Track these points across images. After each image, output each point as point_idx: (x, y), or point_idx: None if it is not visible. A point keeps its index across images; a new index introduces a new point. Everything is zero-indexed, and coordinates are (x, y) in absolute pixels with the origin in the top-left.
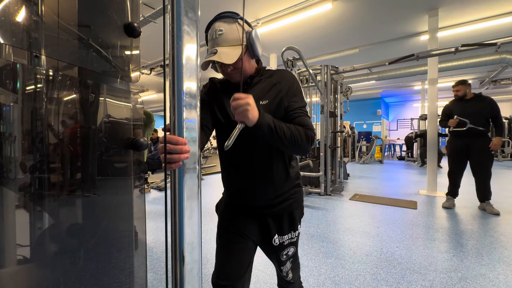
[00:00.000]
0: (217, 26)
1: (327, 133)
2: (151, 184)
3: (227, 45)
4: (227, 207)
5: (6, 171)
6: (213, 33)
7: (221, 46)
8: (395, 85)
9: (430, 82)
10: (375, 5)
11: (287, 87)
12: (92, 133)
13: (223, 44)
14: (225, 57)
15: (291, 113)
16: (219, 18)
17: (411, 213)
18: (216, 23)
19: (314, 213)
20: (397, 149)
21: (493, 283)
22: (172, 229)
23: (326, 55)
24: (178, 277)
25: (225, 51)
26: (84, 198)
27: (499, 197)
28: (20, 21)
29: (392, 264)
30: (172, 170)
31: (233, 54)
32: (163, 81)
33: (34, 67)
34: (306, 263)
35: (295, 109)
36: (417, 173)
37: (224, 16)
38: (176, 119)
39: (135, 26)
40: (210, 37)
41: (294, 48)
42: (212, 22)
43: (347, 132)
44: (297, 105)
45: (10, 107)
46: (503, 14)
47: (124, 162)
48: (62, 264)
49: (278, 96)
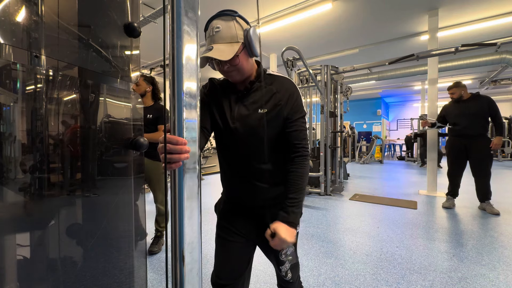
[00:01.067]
0: (214, 24)
1: (327, 133)
2: None
3: (223, 42)
4: (226, 207)
5: (6, 171)
6: (210, 30)
7: (217, 43)
8: (395, 85)
9: (430, 82)
10: (375, 5)
11: (287, 97)
12: (92, 133)
13: (219, 41)
14: (220, 54)
15: (289, 125)
16: (217, 16)
17: (411, 213)
18: (214, 20)
19: (314, 213)
20: (397, 149)
21: (493, 283)
22: (172, 229)
23: (326, 55)
24: (178, 277)
25: (221, 48)
26: (84, 198)
27: (499, 197)
28: (20, 21)
29: (392, 264)
30: (172, 170)
31: (229, 51)
32: (163, 81)
33: (34, 67)
34: (306, 263)
35: (294, 121)
36: (417, 173)
37: (222, 14)
38: (176, 119)
39: (135, 26)
40: (207, 34)
41: (294, 48)
42: (211, 20)
43: (347, 132)
44: (296, 117)
45: (10, 107)
46: (503, 14)
47: (124, 162)
48: (62, 264)
49: (277, 106)
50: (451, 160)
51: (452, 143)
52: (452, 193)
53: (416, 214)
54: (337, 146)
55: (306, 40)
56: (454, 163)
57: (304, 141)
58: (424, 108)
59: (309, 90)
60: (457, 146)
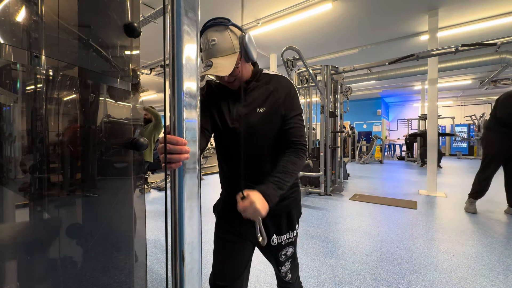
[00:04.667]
0: (209, 36)
1: (327, 133)
2: (151, 184)
3: (221, 55)
4: (224, 207)
5: (6, 171)
6: (206, 43)
7: (216, 57)
8: (395, 85)
9: (430, 82)
10: (375, 5)
11: (284, 96)
12: (92, 133)
13: (217, 55)
14: (221, 69)
15: (287, 122)
16: (210, 27)
17: (411, 213)
18: (208, 32)
19: (314, 213)
20: (397, 149)
21: (493, 283)
22: (172, 229)
23: (326, 55)
24: (178, 277)
25: (220, 62)
26: (84, 198)
27: (499, 197)
28: (20, 21)
29: (392, 264)
30: (172, 170)
31: (228, 64)
32: (163, 81)
33: (34, 67)
34: (306, 263)
35: (292, 118)
36: (417, 173)
37: (215, 24)
38: (176, 119)
39: (135, 26)
40: (203, 46)
41: (294, 48)
42: (204, 30)
43: (347, 132)
44: (293, 114)
45: (10, 107)
46: (503, 14)
47: (124, 162)
48: (62, 264)
49: (275, 105)
50: (496, 163)
51: (501, 142)
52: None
53: (416, 214)
54: (337, 146)
55: (306, 40)
56: (497, 166)
57: (302, 138)
58: (424, 108)
59: (309, 90)
60: (508, 147)
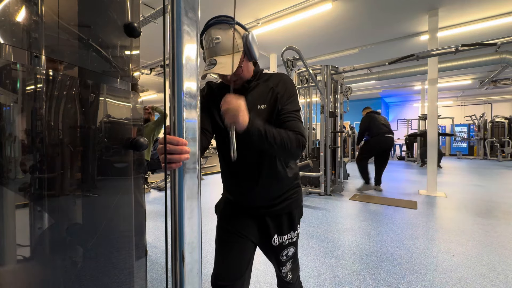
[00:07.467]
0: (213, 34)
1: (327, 133)
2: (151, 184)
3: (225, 53)
4: (226, 207)
5: (6, 171)
6: (209, 41)
7: (220, 56)
8: (395, 85)
9: (430, 82)
10: (375, 5)
11: (283, 91)
12: (92, 133)
13: (221, 53)
14: (225, 68)
15: (283, 117)
16: (214, 24)
17: (411, 213)
18: (212, 30)
19: (314, 213)
20: (397, 149)
21: (493, 283)
22: (172, 229)
23: (326, 55)
24: (178, 277)
25: (224, 61)
26: (84, 198)
27: (499, 197)
28: (20, 21)
29: (392, 264)
30: (172, 170)
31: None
32: (163, 81)
33: (34, 67)
34: (306, 263)
35: (288, 112)
36: (417, 173)
37: (218, 22)
38: (176, 119)
39: (135, 26)
40: (206, 44)
41: (294, 48)
42: (207, 27)
43: (347, 132)
44: (290, 109)
45: (10, 107)
46: (503, 14)
47: (124, 162)
48: (62, 264)
49: (276, 100)
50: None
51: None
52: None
53: (416, 214)
54: (337, 146)
55: (306, 40)
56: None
57: (301, 131)
58: (424, 108)
59: (309, 90)
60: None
